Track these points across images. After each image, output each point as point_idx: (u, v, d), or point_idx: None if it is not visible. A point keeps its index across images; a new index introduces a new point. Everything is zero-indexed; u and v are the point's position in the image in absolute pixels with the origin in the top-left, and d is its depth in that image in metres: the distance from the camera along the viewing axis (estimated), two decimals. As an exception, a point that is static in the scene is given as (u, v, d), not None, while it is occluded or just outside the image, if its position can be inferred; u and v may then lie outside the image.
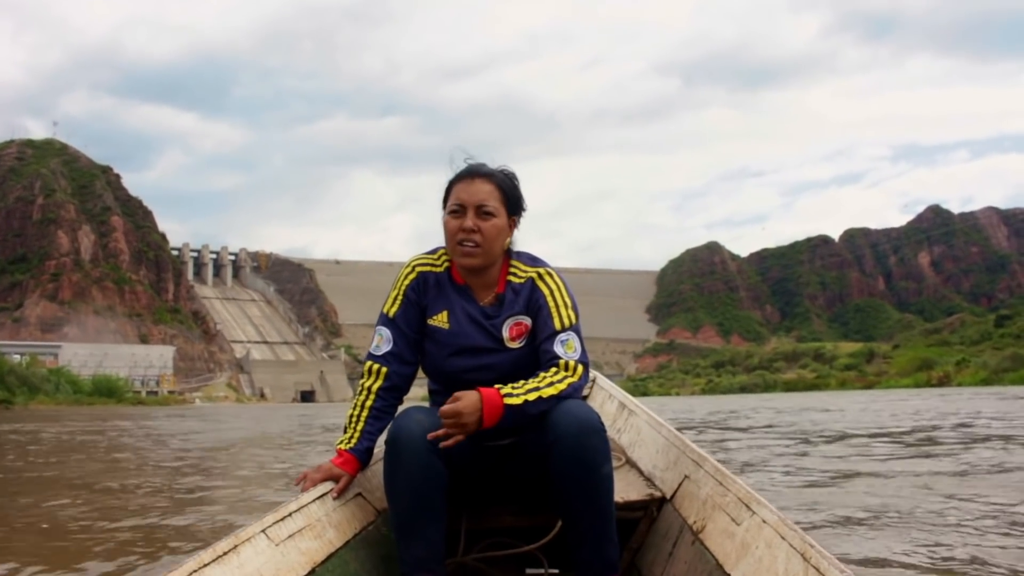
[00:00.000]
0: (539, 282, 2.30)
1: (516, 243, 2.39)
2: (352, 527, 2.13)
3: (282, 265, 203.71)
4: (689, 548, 2.05)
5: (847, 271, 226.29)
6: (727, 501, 1.97)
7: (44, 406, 52.50)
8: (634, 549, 2.41)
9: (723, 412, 22.65)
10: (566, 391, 2.13)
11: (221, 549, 1.59)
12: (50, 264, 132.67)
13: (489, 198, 2.25)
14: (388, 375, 2.29)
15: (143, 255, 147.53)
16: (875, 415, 17.57)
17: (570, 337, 2.22)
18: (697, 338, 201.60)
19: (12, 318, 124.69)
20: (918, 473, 6.50)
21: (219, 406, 78.28)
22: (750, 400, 38.64)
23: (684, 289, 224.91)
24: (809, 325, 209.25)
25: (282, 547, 1.79)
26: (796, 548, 1.57)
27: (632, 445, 2.97)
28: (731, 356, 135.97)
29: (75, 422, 25.21)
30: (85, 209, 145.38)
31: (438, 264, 2.37)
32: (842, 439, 10.91)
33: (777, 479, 6.44)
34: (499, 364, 2.28)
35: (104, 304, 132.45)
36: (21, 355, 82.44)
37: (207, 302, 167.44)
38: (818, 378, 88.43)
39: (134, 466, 9.39)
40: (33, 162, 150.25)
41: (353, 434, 2.27)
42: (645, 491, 2.43)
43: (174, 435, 16.63)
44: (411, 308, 2.33)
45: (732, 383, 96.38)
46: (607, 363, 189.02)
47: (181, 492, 6.63)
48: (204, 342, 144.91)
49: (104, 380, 75.87)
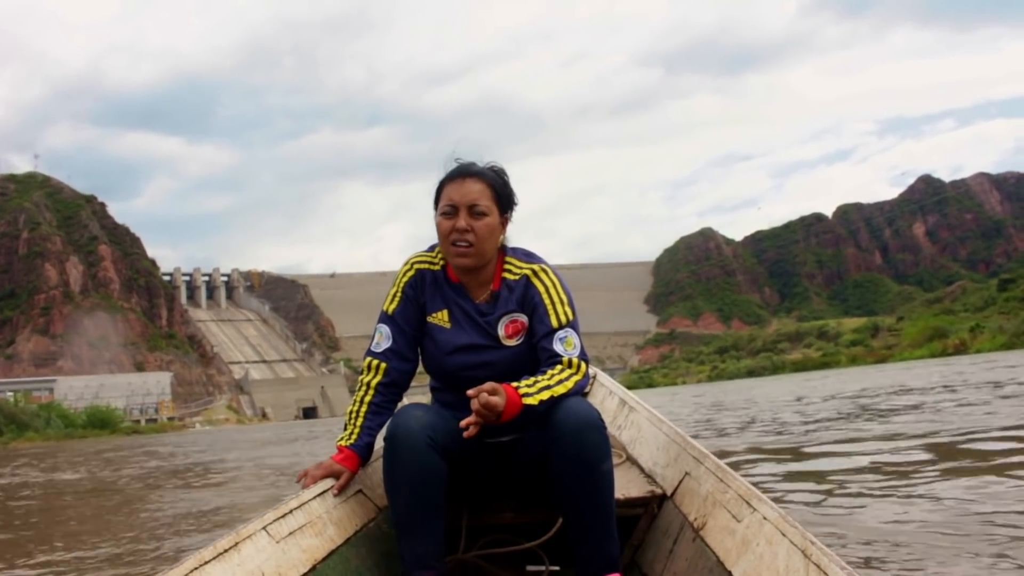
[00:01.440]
0: (534, 279, 2.31)
1: (510, 240, 2.39)
2: (353, 524, 2.13)
3: (276, 283, 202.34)
4: (690, 545, 2.05)
5: (843, 247, 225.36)
6: (728, 498, 1.97)
7: (30, 443, 50.86)
8: (635, 546, 2.40)
9: (760, 403, 18.19)
10: (574, 389, 2.14)
11: (222, 546, 1.59)
12: (40, 298, 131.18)
13: (481, 197, 2.25)
14: (387, 371, 2.30)
15: (134, 282, 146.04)
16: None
17: (568, 334, 2.23)
18: (698, 325, 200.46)
19: (4, 355, 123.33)
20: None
21: (220, 429, 76.64)
22: (774, 385, 36.20)
23: (681, 277, 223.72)
24: (809, 304, 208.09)
25: (283, 544, 1.79)
26: (797, 545, 1.57)
27: (633, 442, 2.94)
28: (734, 341, 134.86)
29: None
30: (72, 240, 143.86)
31: (436, 262, 2.38)
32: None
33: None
34: (498, 361, 2.28)
35: (97, 335, 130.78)
36: (15, 392, 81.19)
37: (202, 325, 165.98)
38: (825, 356, 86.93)
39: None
40: (16, 196, 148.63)
41: (353, 430, 2.26)
42: (646, 488, 2.43)
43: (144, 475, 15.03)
44: (410, 305, 2.34)
45: (738, 368, 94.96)
46: (609, 357, 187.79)
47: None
48: (202, 366, 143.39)
49: (96, 412, 74.40)
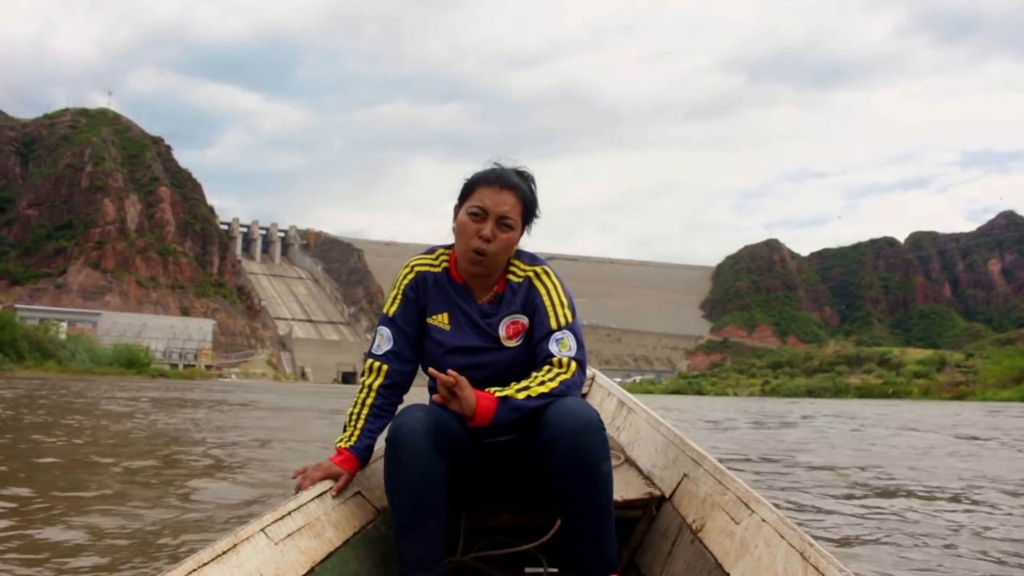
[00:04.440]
0: (536, 281, 2.32)
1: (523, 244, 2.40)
2: (351, 526, 2.13)
3: (331, 244, 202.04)
4: (688, 547, 2.06)
5: (912, 275, 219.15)
6: (726, 500, 1.98)
7: (42, 373, 49.54)
8: (633, 548, 2.41)
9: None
10: (559, 388, 2.15)
11: (220, 548, 1.59)
12: (95, 232, 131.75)
13: (512, 211, 2.26)
14: (389, 373, 2.31)
15: (189, 227, 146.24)
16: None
17: (565, 336, 2.24)
18: (752, 337, 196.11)
19: (55, 284, 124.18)
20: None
21: (253, 383, 75.00)
22: (862, 407, 32.66)
23: (741, 286, 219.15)
24: (870, 329, 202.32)
25: (281, 546, 1.79)
26: (795, 547, 1.58)
27: (631, 443, 2.94)
28: (789, 357, 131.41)
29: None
30: (133, 179, 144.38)
31: (436, 264, 2.40)
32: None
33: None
34: (495, 363, 2.30)
35: (147, 275, 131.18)
36: (44, 319, 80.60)
37: (253, 278, 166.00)
38: (885, 384, 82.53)
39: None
40: (85, 130, 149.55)
41: (353, 432, 2.27)
42: (644, 490, 2.43)
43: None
44: (410, 307, 2.36)
45: (796, 385, 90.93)
46: (657, 358, 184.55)
47: None
48: (247, 318, 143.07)
49: (125, 350, 73.06)
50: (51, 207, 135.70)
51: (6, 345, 51.39)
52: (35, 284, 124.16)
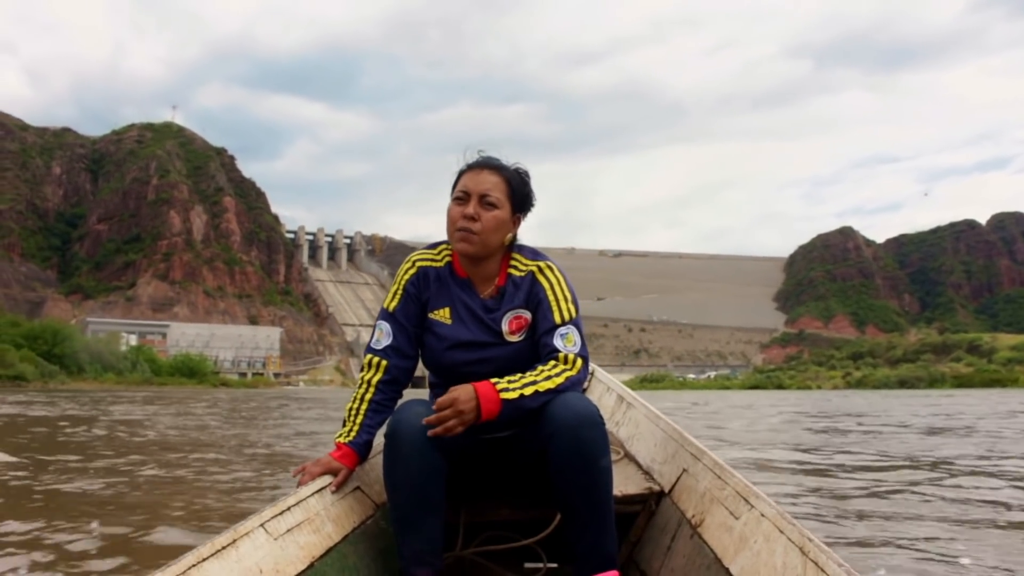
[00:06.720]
0: (539, 276, 2.31)
1: (520, 238, 2.40)
2: (351, 521, 2.13)
3: (397, 249, 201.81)
4: (688, 542, 2.07)
5: (996, 259, 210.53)
6: (725, 495, 1.99)
7: (88, 384, 48.50)
8: (632, 543, 2.42)
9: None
10: (564, 384, 2.14)
11: (220, 543, 1.59)
12: (162, 244, 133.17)
13: (494, 189, 2.26)
14: (388, 368, 2.30)
15: (255, 236, 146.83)
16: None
17: (570, 331, 2.24)
18: (829, 328, 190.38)
19: (125, 296, 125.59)
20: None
21: (322, 389, 73.59)
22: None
23: (815, 276, 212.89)
24: (953, 316, 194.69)
25: (281, 541, 1.79)
26: (794, 542, 1.59)
27: (631, 438, 2.94)
28: (870, 347, 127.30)
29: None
30: (198, 190, 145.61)
31: (438, 259, 2.38)
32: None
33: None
34: (498, 357, 2.29)
35: (214, 285, 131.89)
36: (104, 332, 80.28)
37: (320, 285, 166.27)
38: (985, 373, 77.63)
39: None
40: (151, 144, 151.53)
41: (352, 427, 2.26)
42: (643, 485, 2.43)
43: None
44: (411, 303, 2.34)
45: (885, 376, 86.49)
46: (731, 353, 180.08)
47: None
48: (315, 325, 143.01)
49: (185, 360, 72.26)
50: (119, 221, 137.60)
51: (66, 358, 50.59)
52: (106, 297, 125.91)
